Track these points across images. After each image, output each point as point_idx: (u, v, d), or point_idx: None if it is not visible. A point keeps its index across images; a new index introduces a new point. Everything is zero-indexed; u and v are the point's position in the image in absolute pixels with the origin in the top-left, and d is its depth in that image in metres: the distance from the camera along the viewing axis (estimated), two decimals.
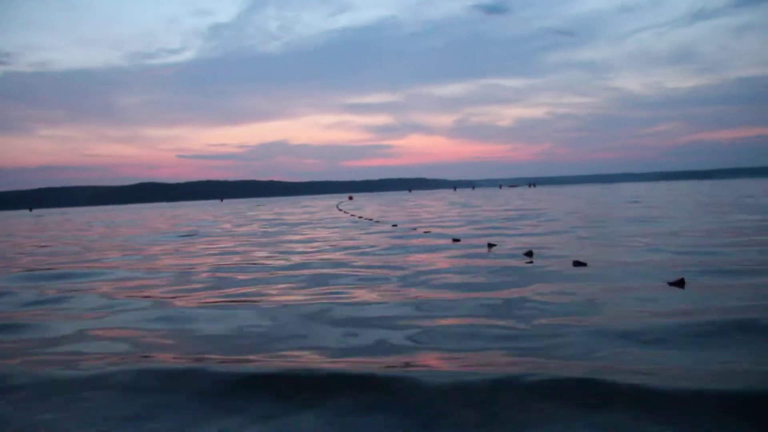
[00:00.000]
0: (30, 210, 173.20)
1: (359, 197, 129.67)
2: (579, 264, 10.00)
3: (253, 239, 19.66)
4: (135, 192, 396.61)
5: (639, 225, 18.19)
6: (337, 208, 51.30)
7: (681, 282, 7.86)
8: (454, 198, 73.43)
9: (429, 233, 18.11)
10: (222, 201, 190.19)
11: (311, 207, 60.09)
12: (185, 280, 10.43)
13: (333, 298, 7.91)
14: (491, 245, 13.56)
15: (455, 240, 15.19)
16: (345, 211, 41.20)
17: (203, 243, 18.99)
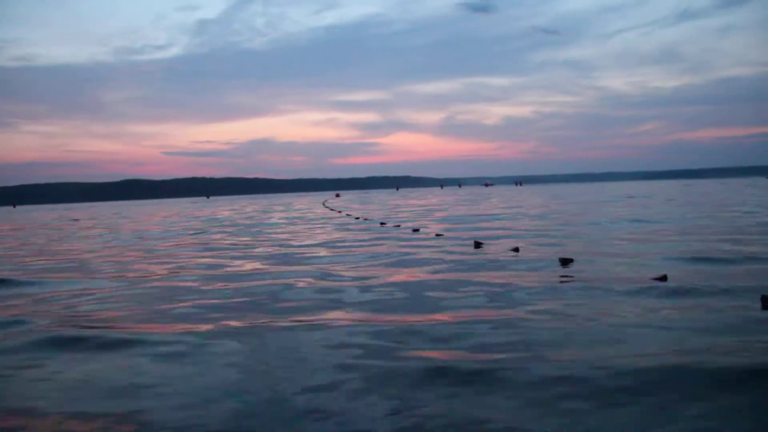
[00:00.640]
0: (14, 206, 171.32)
1: (346, 195, 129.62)
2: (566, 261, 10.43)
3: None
4: (120, 188, 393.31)
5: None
6: (323, 204, 51.44)
7: (663, 278, 8.34)
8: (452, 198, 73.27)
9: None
10: (208, 198, 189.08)
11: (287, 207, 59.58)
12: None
13: None
14: (478, 244, 13.93)
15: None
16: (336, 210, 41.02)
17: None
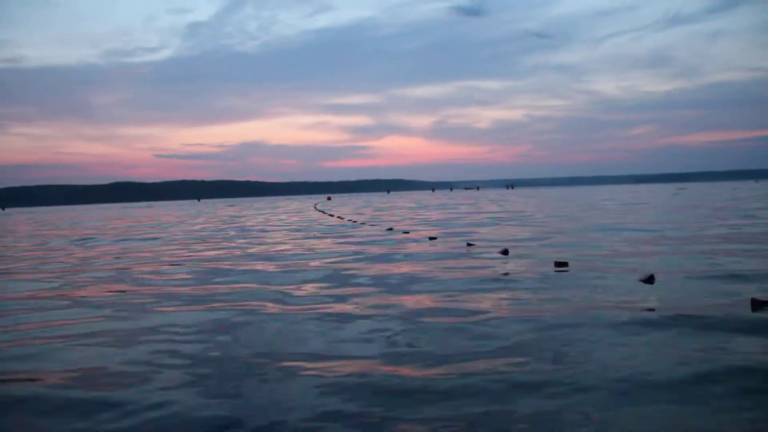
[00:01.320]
0: (3, 209, 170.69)
1: (337, 198, 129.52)
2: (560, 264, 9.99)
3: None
4: (111, 191, 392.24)
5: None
6: (315, 207, 51.25)
7: (651, 278, 7.92)
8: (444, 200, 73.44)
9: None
10: (199, 201, 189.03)
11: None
12: None
13: None
14: (470, 244, 13.59)
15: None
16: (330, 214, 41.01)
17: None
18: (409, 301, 7.22)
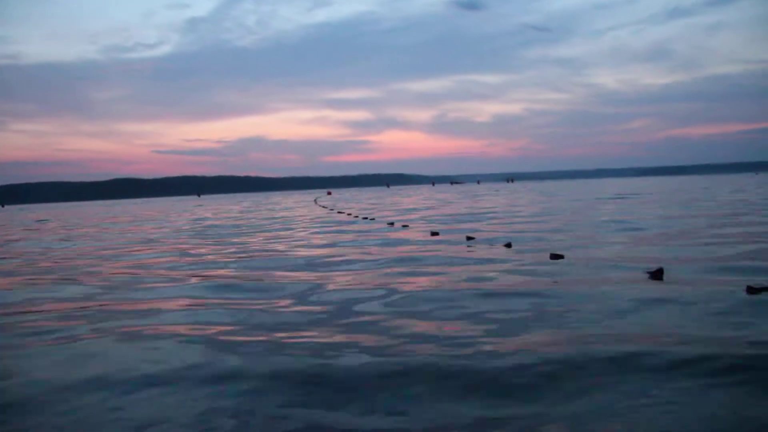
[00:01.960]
0: (2, 206, 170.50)
1: (338, 192, 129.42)
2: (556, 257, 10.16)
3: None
4: (110, 188, 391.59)
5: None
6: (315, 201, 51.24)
7: (660, 272, 8.07)
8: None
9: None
10: (199, 196, 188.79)
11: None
12: None
13: None
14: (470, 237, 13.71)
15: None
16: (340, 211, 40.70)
17: None
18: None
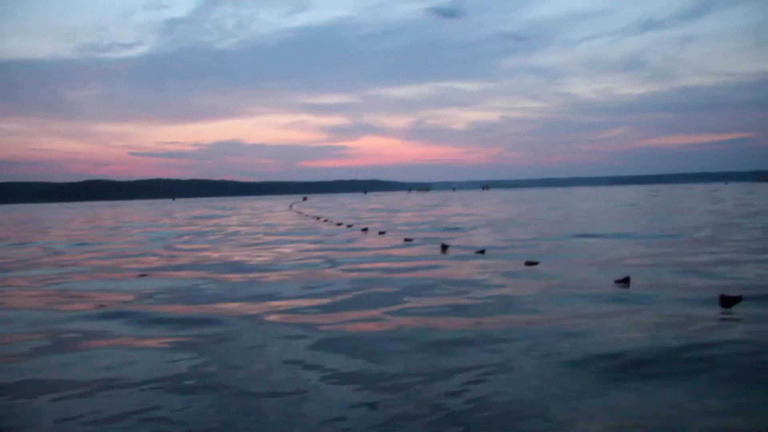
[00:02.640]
0: None
1: (314, 198, 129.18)
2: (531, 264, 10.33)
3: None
4: (84, 189, 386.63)
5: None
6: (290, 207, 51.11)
7: (627, 280, 8.25)
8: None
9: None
10: (174, 200, 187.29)
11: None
12: None
13: None
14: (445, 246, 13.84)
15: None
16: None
17: None
18: None
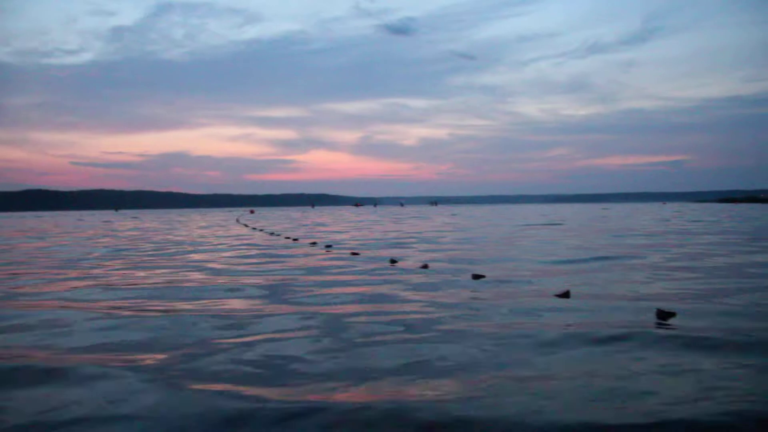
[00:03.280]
0: None
1: (261, 212, 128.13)
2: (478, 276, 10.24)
3: None
4: (22, 198, 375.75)
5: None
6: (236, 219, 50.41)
7: (566, 294, 8.21)
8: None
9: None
10: (117, 211, 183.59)
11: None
12: None
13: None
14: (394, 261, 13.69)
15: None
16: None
17: None
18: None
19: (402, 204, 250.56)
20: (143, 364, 4.94)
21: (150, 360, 5.08)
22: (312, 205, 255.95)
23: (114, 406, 3.95)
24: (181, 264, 13.83)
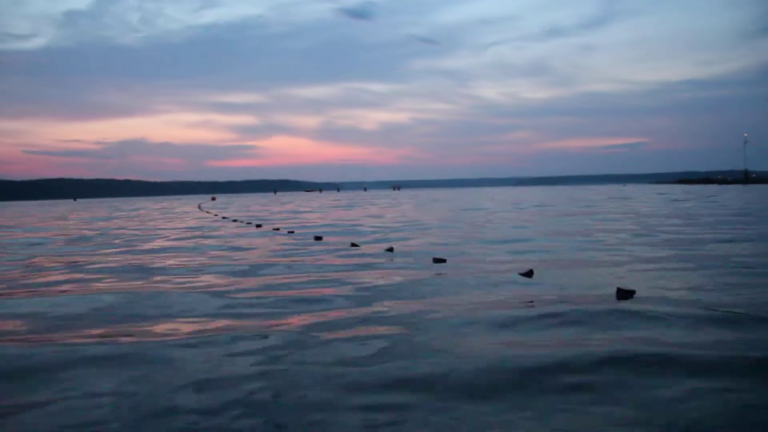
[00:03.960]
0: None
1: (223, 198, 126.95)
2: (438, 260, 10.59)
3: None
4: None
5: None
6: (200, 208, 49.89)
7: (530, 272, 8.61)
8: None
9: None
10: (75, 200, 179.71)
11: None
12: None
13: None
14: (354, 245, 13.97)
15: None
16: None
17: None
18: None
19: (365, 189, 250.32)
20: None
21: None
22: (274, 191, 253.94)
23: None
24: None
